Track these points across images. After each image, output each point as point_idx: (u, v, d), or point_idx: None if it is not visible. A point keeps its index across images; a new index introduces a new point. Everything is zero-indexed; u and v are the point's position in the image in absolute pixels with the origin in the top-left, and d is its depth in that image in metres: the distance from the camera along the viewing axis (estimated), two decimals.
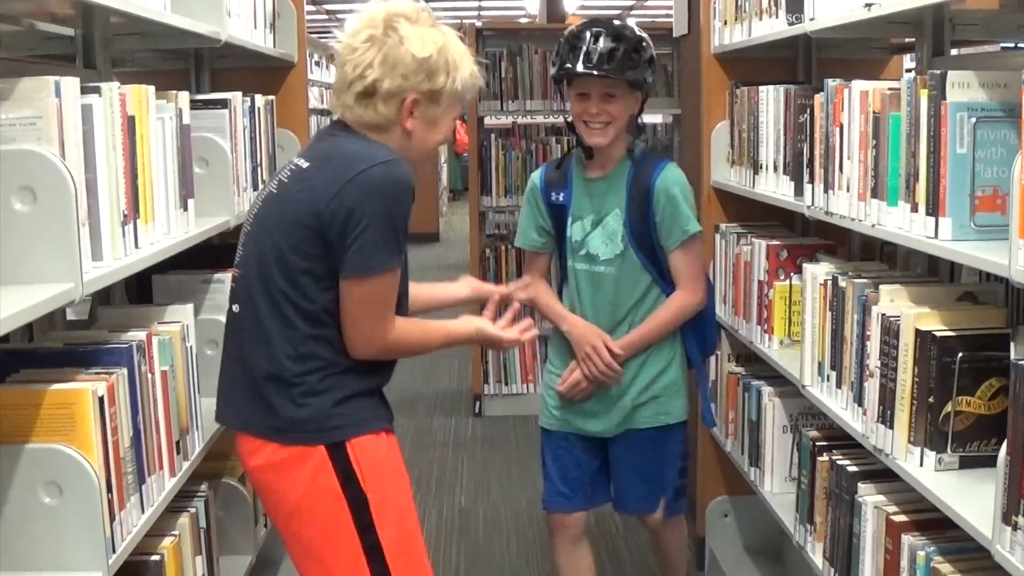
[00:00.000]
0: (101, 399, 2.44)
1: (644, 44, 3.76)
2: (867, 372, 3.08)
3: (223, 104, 3.67)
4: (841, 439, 3.42)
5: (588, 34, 3.72)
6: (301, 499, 2.94)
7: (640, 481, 4.05)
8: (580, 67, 3.69)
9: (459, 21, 17.18)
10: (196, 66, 4.47)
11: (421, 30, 2.96)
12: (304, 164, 2.96)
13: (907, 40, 4.31)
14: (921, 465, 2.84)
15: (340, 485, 2.92)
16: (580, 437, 4.04)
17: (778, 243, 4.18)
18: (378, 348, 2.95)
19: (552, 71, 3.87)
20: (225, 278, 3.60)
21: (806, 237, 4.44)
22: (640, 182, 3.84)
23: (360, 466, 2.94)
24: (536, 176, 4.08)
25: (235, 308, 2.98)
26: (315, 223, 2.82)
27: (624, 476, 4.07)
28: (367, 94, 2.93)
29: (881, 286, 3.06)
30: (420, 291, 3.37)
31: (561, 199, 3.97)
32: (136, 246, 2.68)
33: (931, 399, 2.79)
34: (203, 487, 3.31)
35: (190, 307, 3.19)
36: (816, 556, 3.57)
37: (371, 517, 2.95)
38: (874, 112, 3.03)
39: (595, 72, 3.68)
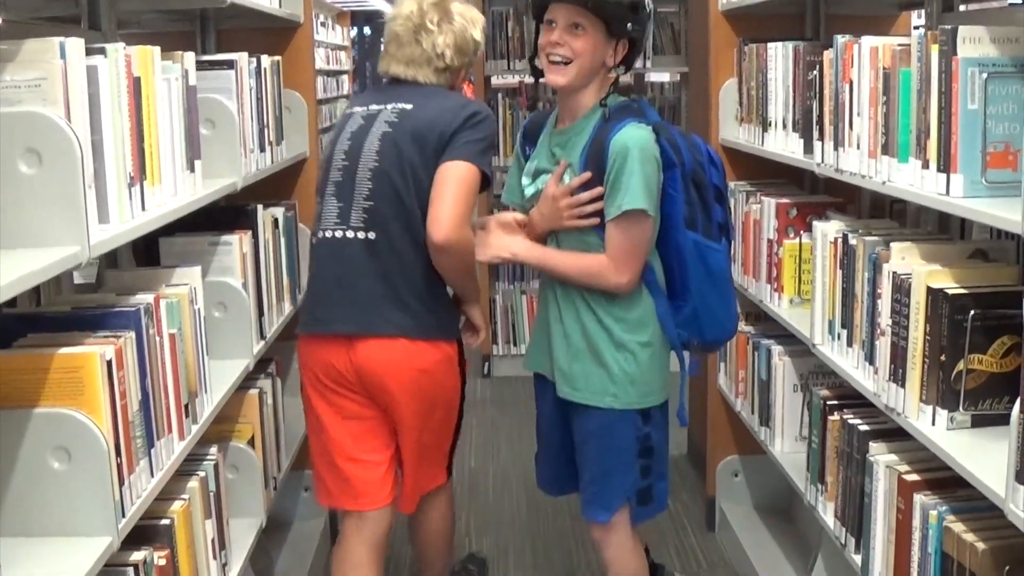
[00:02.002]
0: (109, 363, 2.42)
1: None
2: (878, 330, 3.07)
3: (229, 65, 3.65)
4: (852, 398, 3.42)
5: None
6: (452, 390, 3.69)
7: (590, 479, 3.62)
8: None
9: None
10: (202, 27, 4.45)
11: (465, 11, 3.64)
12: (407, 107, 3.55)
13: None
14: (933, 424, 2.83)
15: (460, 377, 3.73)
16: (545, 384, 3.69)
17: (787, 201, 4.17)
18: (448, 231, 3.39)
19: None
20: (233, 240, 3.59)
21: (815, 195, 4.42)
22: (599, 138, 3.38)
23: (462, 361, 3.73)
24: (523, 124, 3.80)
25: (370, 235, 3.49)
26: (439, 140, 3.47)
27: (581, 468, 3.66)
28: (442, 70, 3.63)
29: (892, 244, 3.05)
30: None
31: (530, 152, 3.68)
32: (143, 208, 2.66)
33: (943, 357, 2.78)
34: (212, 450, 3.31)
35: (197, 269, 3.17)
36: (827, 515, 3.56)
37: (463, 402, 3.80)
38: (884, 68, 3.01)
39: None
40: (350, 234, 3.51)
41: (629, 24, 3.37)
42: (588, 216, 3.42)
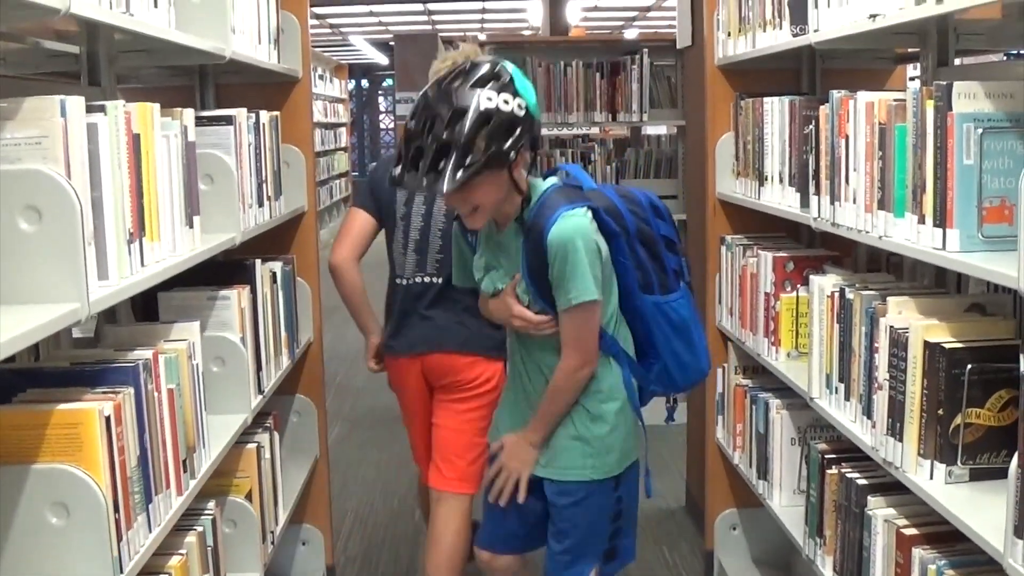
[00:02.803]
0: (108, 419, 2.42)
1: (490, 119, 3.14)
2: (876, 384, 3.07)
3: (228, 120, 3.66)
4: (850, 452, 3.41)
5: (419, 134, 3.15)
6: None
7: (561, 549, 3.58)
8: (409, 182, 3.19)
9: (462, 35, 17.19)
10: (201, 82, 4.47)
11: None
12: None
13: (911, 50, 4.31)
14: (931, 478, 2.83)
15: None
16: None
17: (784, 255, 4.18)
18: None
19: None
20: (231, 294, 3.60)
21: (812, 248, 4.43)
22: (533, 237, 3.30)
23: None
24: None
25: (440, 280, 4.28)
26: None
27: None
28: None
29: (889, 298, 3.05)
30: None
31: (473, 242, 3.62)
32: (142, 264, 2.67)
33: (940, 411, 2.78)
34: (210, 505, 3.30)
35: (196, 324, 3.18)
36: (826, 569, 3.56)
37: None
38: (880, 123, 3.02)
39: (424, 192, 3.27)
40: (427, 279, 4.31)
41: (512, 152, 3.21)
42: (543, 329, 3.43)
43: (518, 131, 3.21)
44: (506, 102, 3.17)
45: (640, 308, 3.48)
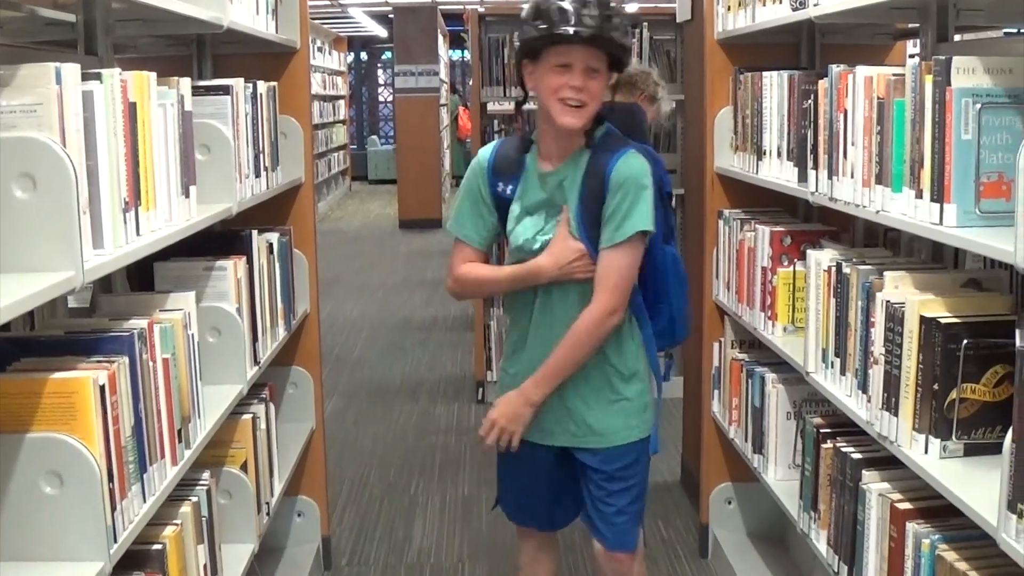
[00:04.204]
0: (102, 388, 2.42)
1: (622, 13, 3.31)
2: (871, 359, 3.07)
3: (225, 90, 3.66)
4: (845, 426, 3.42)
5: None
6: None
7: (616, 511, 3.55)
8: (574, 29, 3.14)
9: (462, 7, 17.13)
10: (198, 52, 4.45)
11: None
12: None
13: (911, 26, 4.30)
14: (926, 452, 2.83)
15: None
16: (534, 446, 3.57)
17: (782, 229, 4.17)
18: None
19: (530, 34, 3.22)
20: (227, 265, 3.59)
21: (809, 223, 4.43)
22: (595, 171, 3.30)
23: None
24: (485, 154, 3.52)
25: None
26: None
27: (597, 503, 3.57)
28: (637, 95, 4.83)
29: (886, 272, 3.05)
30: None
31: (508, 193, 3.46)
32: (137, 233, 2.66)
33: (936, 386, 2.78)
34: (205, 475, 3.30)
35: (192, 294, 3.17)
36: (820, 543, 3.56)
37: None
38: (878, 98, 3.02)
39: (600, 34, 3.13)
40: None
41: (626, 62, 3.35)
42: None
43: (630, 51, 3.34)
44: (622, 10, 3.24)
45: (660, 259, 3.52)
